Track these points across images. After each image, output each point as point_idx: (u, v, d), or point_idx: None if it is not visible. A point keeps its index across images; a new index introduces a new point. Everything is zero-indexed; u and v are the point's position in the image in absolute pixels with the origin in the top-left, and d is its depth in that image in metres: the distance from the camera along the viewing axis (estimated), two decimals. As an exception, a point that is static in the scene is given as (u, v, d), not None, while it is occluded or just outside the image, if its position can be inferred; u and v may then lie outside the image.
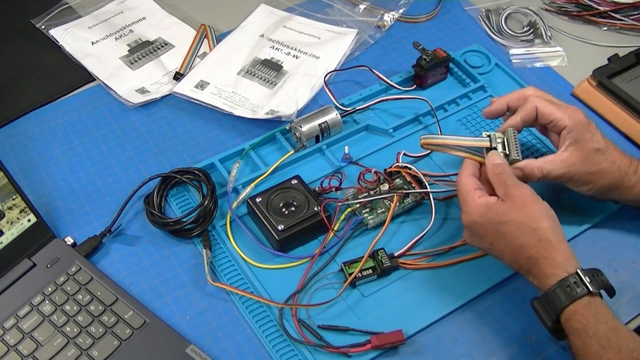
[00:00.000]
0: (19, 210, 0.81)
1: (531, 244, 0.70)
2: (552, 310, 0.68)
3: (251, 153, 0.93)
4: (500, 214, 0.72)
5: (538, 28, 1.12)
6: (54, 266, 0.81)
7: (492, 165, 0.76)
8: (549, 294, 0.68)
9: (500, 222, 0.72)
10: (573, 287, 0.67)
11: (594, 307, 0.67)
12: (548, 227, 0.71)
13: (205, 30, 1.11)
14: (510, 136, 0.78)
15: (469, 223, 0.75)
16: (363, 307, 0.79)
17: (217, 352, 0.76)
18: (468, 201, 0.75)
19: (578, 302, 0.67)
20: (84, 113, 1.01)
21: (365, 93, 1.01)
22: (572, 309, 0.67)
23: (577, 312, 0.66)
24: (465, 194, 0.75)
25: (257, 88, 1.02)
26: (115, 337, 0.76)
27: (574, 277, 0.68)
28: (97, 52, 1.08)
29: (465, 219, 0.75)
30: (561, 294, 0.67)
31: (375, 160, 0.93)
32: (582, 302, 0.67)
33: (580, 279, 0.67)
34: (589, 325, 0.66)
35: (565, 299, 0.67)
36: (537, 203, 0.72)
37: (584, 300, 0.67)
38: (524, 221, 0.71)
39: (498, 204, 0.73)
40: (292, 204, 0.85)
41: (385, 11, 1.14)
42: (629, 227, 0.87)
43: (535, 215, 0.71)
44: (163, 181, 0.89)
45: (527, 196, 0.72)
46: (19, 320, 0.77)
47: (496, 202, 0.73)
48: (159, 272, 0.83)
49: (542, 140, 0.94)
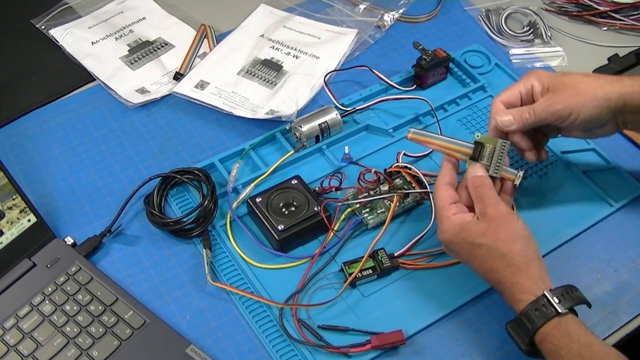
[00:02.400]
0: (19, 210, 0.81)
1: (501, 268, 0.70)
2: (525, 334, 0.68)
3: (251, 153, 0.93)
4: (473, 234, 0.72)
5: (538, 28, 1.12)
6: (54, 266, 0.81)
7: (472, 177, 0.75)
8: (519, 318, 0.68)
9: (473, 243, 0.72)
10: (542, 309, 0.67)
11: (564, 327, 0.67)
12: (519, 250, 0.70)
13: (205, 30, 1.11)
14: (498, 148, 0.76)
15: (443, 240, 0.75)
16: (363, 307, 0.79)
17: (217, 352, 0.76)
18: (442, 218, 0.74)
19: (548, 324, 0.67)
20: (84, 113, 1.01)
21: (365, 93, 1.01)
22: (544, 331, 0.67)
23: (548, 334, 0.67)
24: (441, 209, 0.75)
25: (257, 88, 1.02)
26: (115, 337, 0.76)
27: (542, 299, 0.68)
28: (97, 52, 1.08)
29: (439, 236, 0.75)
30: (531, 317, 0.67)
31: (375, 160, 0.93)
32: (552, 324, 0.67)
33: (549, 300, 0.67)
34: (561, 346, 0.66)
35: (536, 322, 0.67)
36: (511, 223, 0.72)
37: (554, 322, 0.67)
38: (495, 245, 0.71)
39: (472, 223, 0.73)
40: (292, 204, 0.85)
41: (385, 11, 1.14)
42: (629, 227, 0.87)
43: (507, 238, 0.71)
44: (163, 181, 0.89)
45: (502, 217, 0.72)
46: (19, 320, 0.77)
47: (470, 221, 0.73)
48: (159, 272, 0.83)
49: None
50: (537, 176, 0.91)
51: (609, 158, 0.93)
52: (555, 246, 0.84)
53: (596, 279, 0.82)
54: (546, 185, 0.90)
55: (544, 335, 0.67)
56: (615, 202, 0.88)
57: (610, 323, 0.79)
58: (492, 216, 0.72)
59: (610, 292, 0.81)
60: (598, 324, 0.78)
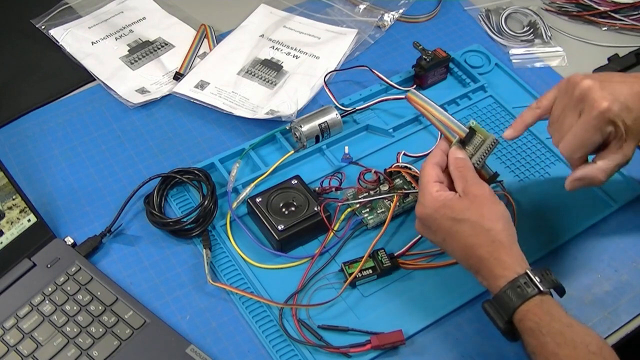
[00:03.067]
0: (19, 210, 0.81)
1: (484, 244, 0.70)
2: (504, 312, 0.68)
3: (251, 153, 0.93)
4: (456, 210, 0.71)
5: (538, 28, 1.12)
6: (54, 266, 0.81)
7: (454, 158, 0.75)
8: (500, 295, 0.68)
9: (455, 219, 0.71)
10: (524, 287, 0.67)
11: (546, 306, 0.67)
12: (502, 229, 0.70)
13: (205, 30, 1.11)
14: (488, 142, 0.76)
15: (422, 216, 0.74)
16: (363, 307, 0.79)
17: (217, 352, 0.76)
18: (425, 193, 0.74)
19: (530, 301, 0.67)
20: (84, 113, 1.01)
21: (365, 93, 1.01)
22: (525, 309, 0.67)
23: (529, 312, 0.66)
24: (424, 185, 0.74)
25: (257, 88, 1.02)
26: (115, 337, 0.76)
27: (523, 277, 0.67)
28: (97, 52, 1.08)
29: (419, 210, 0.74)
30: (512, 295, 0.67)
31: (375, 160, 0.93)
32: (534, 302, 0.67)
33: (530, 279, 0.67)
34: (543, 324, 0.65)
35: (517, 299, 0.67)
36: (494, 204, 0.72)
37: (536, 300, 0.67)
38: (479, 221, 0.70)
39: (455, 199, 0.72)
40: (292, 204, 0.85)
41: (385, 11, 1.14)
42: (629, 227, 0.87)
43: (491, 216, 0.71)
44: (163, 181, 0.89)
45: (485, 196, 0.72)
46: (19, 320, 0.77)
47: (453, 198, 0.73)
48: (159, 272, 0.83)
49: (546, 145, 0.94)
50: (538, 176, 0.91)
51: (609, 158, 0.93)
52: (555, 246, 0.84)
53: (596, 279, 0.82)
54: (546, 185, 0.90)
55: (525, 313, 0.66)
56: (615, 202, 0.88)
57: (610, 323, 0.79)
58: (475, 194, 0.72)
59: (610, 292, 0.81)
60: (598, 324, 0.78)
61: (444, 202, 0.72)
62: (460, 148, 0.76)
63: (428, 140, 0.95)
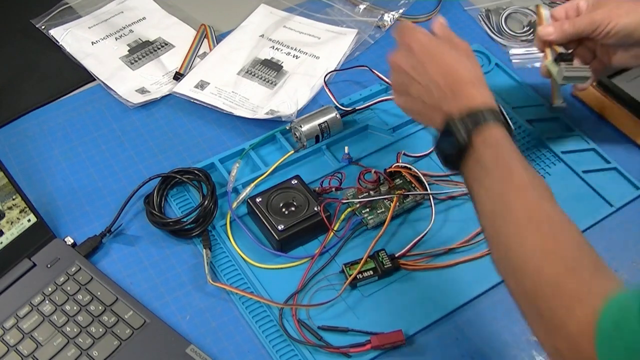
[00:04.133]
0: (19, 210, 0.81)
1: (472, 70, 0.71)
2: (472, 124, 0.66)
3: (251, 153, 0.93)
4: (444, 42, 0.74)
5: (538, 28, 1.12)
6: (54, 266, 0.81)
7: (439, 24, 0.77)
8: (473, 111, 0.67)
9: (443, 46, 0.73)
10: (495, 113, 0.67)
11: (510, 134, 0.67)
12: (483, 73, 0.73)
13: (205, 30, 1.11)
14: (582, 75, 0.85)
15: (408, 40, 0.74)
16: (363, 307, 0.79)
17: (217, 352, 0.76)
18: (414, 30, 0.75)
19: (498, 125, 0.67)
20: (84, 113, 1.01)
21: (365, 93, 1.01)
22: (493, 127, 0.66)
23: (497, 130, 0.66)
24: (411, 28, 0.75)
25: (257, 88, 1.02)
26: (115, 337, 0.76)
27: (496, 109, 0.68)
28: (97, 52, 1.08)
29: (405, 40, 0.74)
30: (488, 115, 0.67)
31: (375, 160, 0.93)
32: (501, 126, 0.67)
33: (502, 114, 0.68)
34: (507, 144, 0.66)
35: (492, 118, 0.66)
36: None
37: (502, 126, 0.67)
38: (467, 54, 0.73)
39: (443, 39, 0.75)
40: (292, 204, 0.85)
41: (385, 11, 1.14)
42: (629, 227, 0.87)
43: (476, 60, 0.74)
44: (163, 181, 0.89)
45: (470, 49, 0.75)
46: (19, 320, 0.77)
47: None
48: (159, 272, 0.83)
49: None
50: (537, 176, 0.91)
51: (609, 158, 0.93)
52: (555, 246, 0.84)
53: (596, 279, 0.82)
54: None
55: (490, 132, 0.66)
56: (615, 202, 0.88)
57: (610, 323, 0.78)
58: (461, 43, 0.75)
59: (610, 292, 0.81)
60: (598, 324, 0.78)
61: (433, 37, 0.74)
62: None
63: (428, 140, 0.95)
